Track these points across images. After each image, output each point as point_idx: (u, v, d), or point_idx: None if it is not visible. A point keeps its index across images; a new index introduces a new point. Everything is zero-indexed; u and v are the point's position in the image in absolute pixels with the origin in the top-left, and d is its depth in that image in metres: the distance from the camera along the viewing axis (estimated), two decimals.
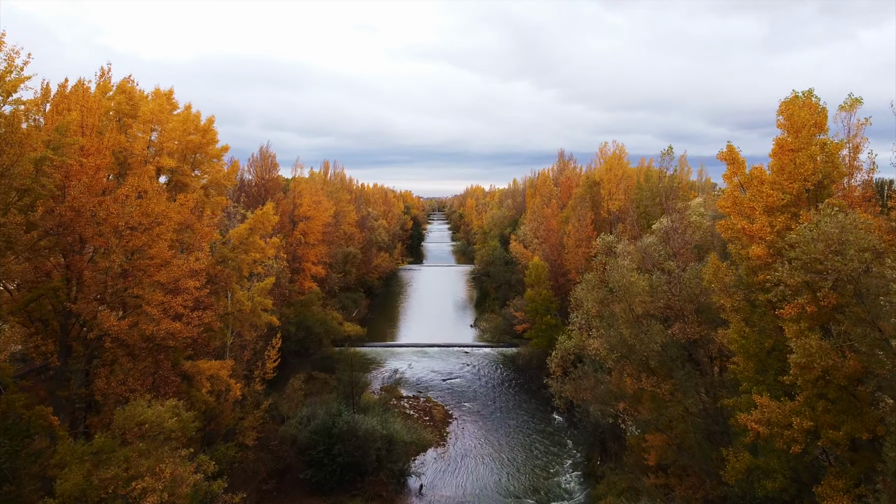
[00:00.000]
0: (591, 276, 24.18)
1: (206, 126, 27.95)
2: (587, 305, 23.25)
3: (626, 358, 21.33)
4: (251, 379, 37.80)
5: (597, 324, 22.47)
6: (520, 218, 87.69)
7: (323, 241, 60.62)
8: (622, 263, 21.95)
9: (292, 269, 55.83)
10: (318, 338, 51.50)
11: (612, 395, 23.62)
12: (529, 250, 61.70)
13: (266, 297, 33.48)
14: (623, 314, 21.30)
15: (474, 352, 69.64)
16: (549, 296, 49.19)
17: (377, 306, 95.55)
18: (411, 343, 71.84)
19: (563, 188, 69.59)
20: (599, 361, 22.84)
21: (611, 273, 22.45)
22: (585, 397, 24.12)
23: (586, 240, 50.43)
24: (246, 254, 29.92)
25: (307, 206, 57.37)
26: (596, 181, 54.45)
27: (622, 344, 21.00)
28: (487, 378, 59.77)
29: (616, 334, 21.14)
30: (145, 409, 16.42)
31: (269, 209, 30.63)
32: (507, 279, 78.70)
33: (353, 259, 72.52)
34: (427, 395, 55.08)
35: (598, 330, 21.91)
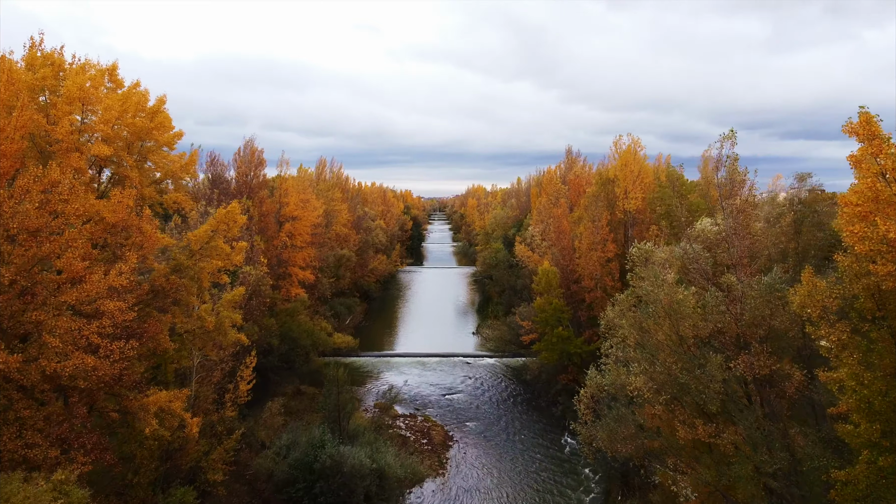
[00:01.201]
0: (626, 294, 19.37)
1: (156, 107, 23.12)
2: (623, 332, 18.49)
3: (676, 400, 16.55)
4: (222, 404, 32.94)
5: (636, 354, 17.75)
6: (525, 219, 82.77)
7: (312, 243, 55.73)
8: (666, 277, 17.15)
9: (277, 274, 50.96)
10: (304, 351, 46.62)
11: (651, 436, 18.80)
12: (537, 254, 56.77)
13: (235, 311, 28.60)
14: (669, 343, 16.51)
15: (476, 363, 64.73)
16: (561, 305, 44.28)
17: (374, 311, 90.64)
18: (409, 353, 66.94)
19: (572, 187, 64.66)
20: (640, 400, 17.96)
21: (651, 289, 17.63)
22: (624, 450, 19.29)
23: (601, 243, 45.51)
24: (207, 261, 25.03)
25: (294, 206, 52.50)
26: (610, 178, 49.53)
27: (671, 382, 16.21)
28: (491, 393, 54.84)
29: (663, 370, 16.36)
30: (18, 489, 11.62)
31: (234, 207, 25.75)
32: (511, 284, 73.78)
33: (346, 262, 67.64)
34: (425, 412, 50.18)
35: (639, 364, 17.11)
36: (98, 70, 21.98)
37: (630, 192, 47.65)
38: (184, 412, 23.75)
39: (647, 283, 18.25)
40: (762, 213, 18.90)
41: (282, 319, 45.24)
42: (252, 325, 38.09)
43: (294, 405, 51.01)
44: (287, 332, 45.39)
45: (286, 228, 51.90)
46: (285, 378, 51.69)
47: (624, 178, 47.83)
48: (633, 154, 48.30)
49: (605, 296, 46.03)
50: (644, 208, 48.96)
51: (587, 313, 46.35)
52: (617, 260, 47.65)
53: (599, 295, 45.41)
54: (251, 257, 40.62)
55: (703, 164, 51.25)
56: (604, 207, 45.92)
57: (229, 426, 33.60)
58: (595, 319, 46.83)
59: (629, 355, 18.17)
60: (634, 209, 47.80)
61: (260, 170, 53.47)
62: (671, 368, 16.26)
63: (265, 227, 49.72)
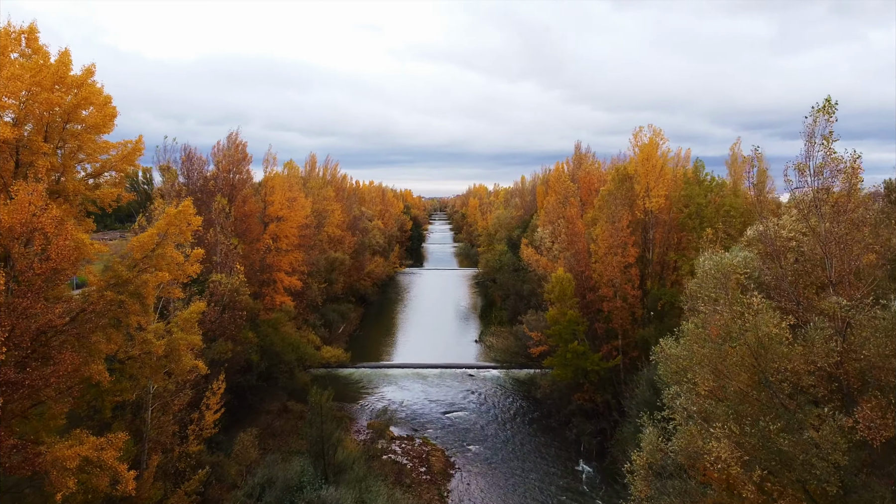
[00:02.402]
0: (694, 323, 14.56)
1: (82, 79, 18.30)
2: (693, 375, 13.73)
3: (774, 476, 11.85)
4: (185, 437, 28.13)
5: (710, 407, 13.00)
6: (531, 219, 77.84)
7: (300, 245, 50.89)
8: (752, 301, 12.35)
9: (260, 280, 46.10)
10: (288, 367, 41.75)
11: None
12: (547, 258, 51.84)
13: (194, 332, 23.70)
14: (756, 393, 11.78)
15: (480, 375, 59.86)
16: (576, 316, 39.39)
17: (371, 317, 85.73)
18: (407, 363, 62.05)
19: (582, 185, 59.80)
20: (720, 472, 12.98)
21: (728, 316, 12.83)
22: None
23: (621, 246, 40.62)
24: (152, 272, 20.18)
25: (279, 205, 47.65)
26: (628, 174, 44.61)
27: (766, 449, 11.49)
28: (497, 411, 49.96)
29: (757, 433, 11.64)
30: None
31: (186, 207, 20.89)
32: (517, 289, 68.83)
33: (340, 266, 62.75)
34: (424, 434, 45.32)
35: (721, 423, 12.30)
36: (3, 31, 17.16)
37: (652, 190, 42.75)
38: (118, 463, 18.87)
39: (723, 308, 13.44)
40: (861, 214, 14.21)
41: (263, 332, 40.39)
42: (225, 341, 33.26)
43: (279, 425, 46.12)
44: (269, 346, 40.54)
45: (270, 230, 47.05)
46: (270, 394, 46.81)
47: (645, 173, 42.93)
48: (655, 147, 43.40)
49: (624, 305, 41.17)
50: (666, 207, 44.10)
51: (605, 325, 41.47)
52: (637, 265, 42.80)
53: (619, 304, 40.53)
54: (226, 263, 35.78)
55: (731, 159, 46.34)
56: (624, 206, 41.02)
57: (195, 461, 28.83)
58: (614, 332, 41.96)
59: (702, 406, 13.37)
60: (657, 208, 42.91)
61: (243, 165, 48.61)
62: (766, 430, 11.52)
63: (247, 229, 44.89)
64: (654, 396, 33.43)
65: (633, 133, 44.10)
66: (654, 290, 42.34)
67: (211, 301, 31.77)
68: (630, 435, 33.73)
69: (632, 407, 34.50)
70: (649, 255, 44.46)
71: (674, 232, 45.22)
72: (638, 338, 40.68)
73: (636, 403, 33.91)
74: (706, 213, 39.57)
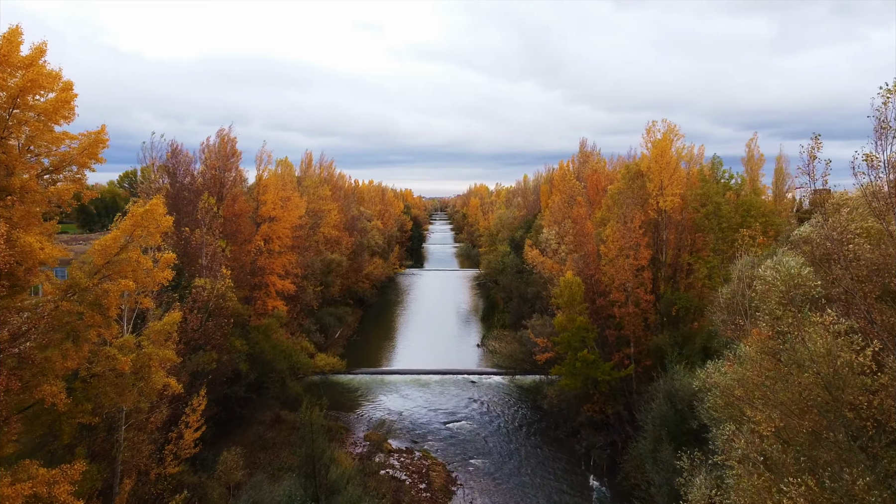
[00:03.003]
0: (753, 345, 12.20)
1: (31, 58, 15.91)
2: (753, 413, 11.39)
3: None
4: (162, 459, 25.73)
5: (777, 453, 10.65)
6: (535, 219, 75.40)
7: (294, 247, 48.48)
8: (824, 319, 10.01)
9: (251, 284, 43.71)
10: (279, 376, 39.34)
11: None
12: (554, 260, 49.39)
13: (168, 345, 21.29)
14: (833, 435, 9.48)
15: (483, 381, 57.46)
16: (586, 323, 36.96)
17: (369, 319, 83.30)
18: (407, 370, 59.65)
19: (590, 184, 57.39)
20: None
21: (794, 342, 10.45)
22: None
23: (633, 248, 38.20)
24: (115, 280, 17.79)
25: (272, 205, 45.22)
26: (640, 172, 42.19)
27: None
28: (501, 421, 47.53)
29: (840, 490, 9.27)
30: None
31: (155, 206, 18.47)
32: (521, 292, 66.39)
33: (336, 267, 60.33)
34: (424, 447, 42.89)
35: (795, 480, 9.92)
36: None
37: (666, 188, 40.32)
38: (75, 499, 16.47)
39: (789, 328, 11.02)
40: None
41: (253, 339, 37.98)
42: (210, 351, 30.87)
43: (270, 437, 43.67)
44: (259, 354, 38.13)
45: (263, 231, 44.62)
46: (261, 404, 44.39)
47: (659, 171, 40.49)
48: (669, 143, 40.97)
49: (637, 311, 38.77)
50: (681, 207, 41.68)
51: (616, 332, 39.05)
52: (650, 268, 40.38)
53: (631, 310, 38.11)
54: (213, 267, 33.40)
55: (748, 156, 43.85)
56: (636, 205, 38.60)
57: (174, 484, 26.43)
58: (625, 339, 39.56)
59: (766, 450, 10.99)
60: (671, 208, 40.49)
61: (234, 162, 46.20)
62: (851, 485, 9.17)
63: (238, 230, 42.49)
64: (672, 411, 31.02)
65: (645, 128, 41.70)
66: (667, 295, 39.92)
67: (194, 308, 29.37)
68: (647, 452, 31.33)
69: (647, 421, 32.09)
70: (662, 257, 42.03)
71: (688, 233, 42.80)
72: (651, 345, 38.28)
73: (652, 418, 31.50)
74: (724, 213, 37.14)
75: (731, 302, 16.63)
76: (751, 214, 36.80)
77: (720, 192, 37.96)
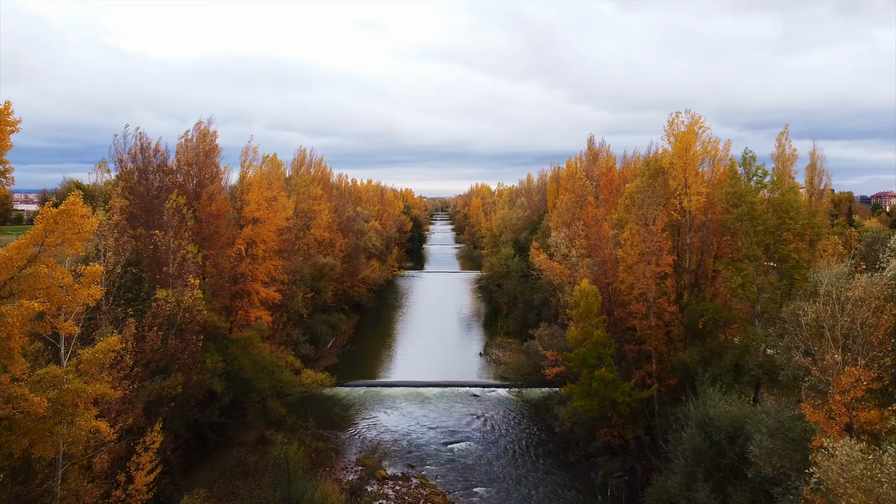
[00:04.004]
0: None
1: None
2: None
3: None
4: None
5: None
6: (542, 221, 71.28)
7: (281, 251, 44.44)
8: None
9: (232, 293, 39.67)
10: (260, 396, 35.28)
11: None
12: (565, 265, 45.25)
13: (99, 378, 17.23)
14: None
15: (486, 395, 53.40)
16: (604, 338, 32.89)
17: (366, 326, 79.22)
18: (405, 381, 55.61)
19: (602, 182, 53.29)
20: None
21: None
22: None
23: (655, 253, 34.11)
24: (17, 301, 13.77)
25: (256, 206, 41.18)
26: (661, 168, 38.10)
27: None
28: (506, 441, 43.44)
29: None
30: None
31: (72, 205, 14.45)
32: (526, 298, 62.33)
33: (329, 272, 56.30)
34: (422, 472, 38.81)
35: None
36: None
37: (691, 186, 36.24)
38: None
39: None
40: None
41: (231, 355, 33.94)
42: (176, 373, 26.83)
43: (253, 461, 39.48)
44: (238, 371, 34.10)
45: (245, 234, 40.57)
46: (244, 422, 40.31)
47: (683, 167, 36.41)
48: (693, 136, 36.88)
49: (659, 323, 34.66)
50: (704, 207, 37.59)
51: (636, 347, 34.98)
52: (674, 276, 36.29)
53: (653, 323, 34.02)
54: (179, 275, 29.35)
55: (778, 152, 39.62)
56: (659, 206, 34.54)
57: None
58: (647, 355, 35.46)
59: None
60: (696, 208, 36.42)
61: (212, 158, 42.17)
62: None
63: (216, 233, 38.47)
64: (706, 443, 26.93)
65: (667, 120, 37.62)
66: (693, 305, 35.83)
67: (154, 324, 25.32)
68: (677, 489, 27.22)
69: (677, 454, 27.98)
70: (685, 263, 37.93)
71: (714, 235, 38.73)
72: (676, 362, 34.18)
73: (683, 450, 27.40)
74: (759, 214, 33.05)
75: (815, 327, 12.74)
76: (790, 216, 32.71)
77: (754, 190, 33.85)
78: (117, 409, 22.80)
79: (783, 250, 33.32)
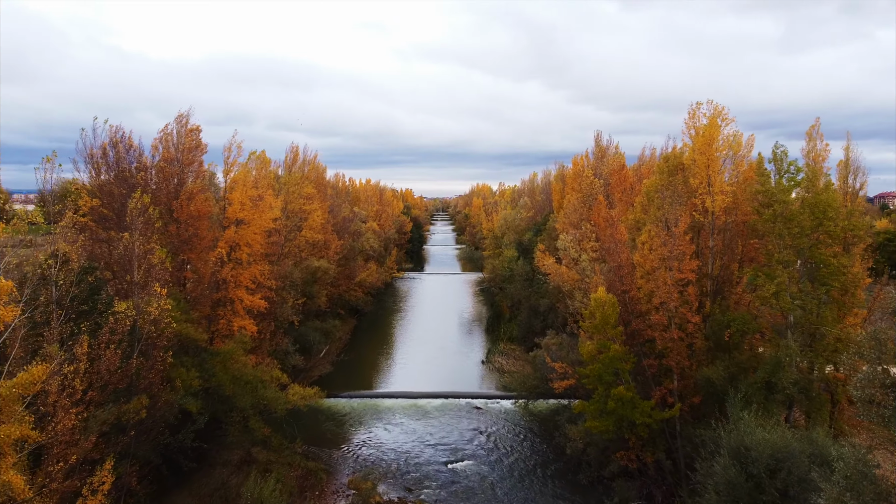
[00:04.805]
0: None
1: None
2: None
3: None
4: None
5: None
6: (546, 221, 68.01)
7: (270, 255, 41.22)
8: None
9: (213, 301, 36.47)
10: (241, 415, 32.06)
11: None
12: (576, 270, 41.98)
13: (20, 418, 14.07)
14: None
15: (489, 407, 50.18)
16: (622, 352, 29.63)
17: (363, 331, 76.00)
18: (402, 392, 52.41)
19: (614, 181, 50.05)
20: None
21: None
22: None
23: (677, 258, 30.86)
24: None
25: (240, 205, 37.97)
26: (681, 164, 34.86)
27: None
28: (511, 459, 40.22)
29: None
30: None
31: None
32: (532, 304, 59.04)
33: (322, 276, 53.09)
34: (420, 496, 35.59)
35: None
36: None
37: (714, 184, 33.02)
38: None
39: None
40: None
41: (209, 370, 30.73)
42: (140, 396, 23.66)
43: (236, 483, 35.92)
44: (217, 387, 30.89)
45: (228, 236, 37.34)
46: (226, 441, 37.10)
47: (705, 163, 33.20)
48: (716, 129, 33.65)
49: (682, 335, 31.39)
50: (731, 207, 34.38)
51: (657, 362, 31.72)
52: (697, 283, 33.02)
53: (676, 335, 30.76)
54: (147, 284, 26.17)
55: (809, 147, 36.25)
56: (681, 206, 31.32)
57: None
58: (668, 371, 32.19)
59: None
60: (721, 209, 33.20)
61: (196, 156, 38.97)
62: None
63: (194, 236, 35.28)
64: (742, 475, 23.73)
65: (688, 112, 34.39)
66: (718, 315, 32.60)
67: (111, 341, 22.13)
68: None
69: (708, 488, 24.73)
70: (707, 268, 34.68)
71: (738, 238, 35.53)
72: (700, 378, 30.91)
73: (715, 483, 24.19)
74: (793, 215, 29.79)
75: None
76: (827, 216, 29.46)
77: (787, 189, 30.60)
78: (65, 442, 19.56)
79: (820, 254, 30.08)
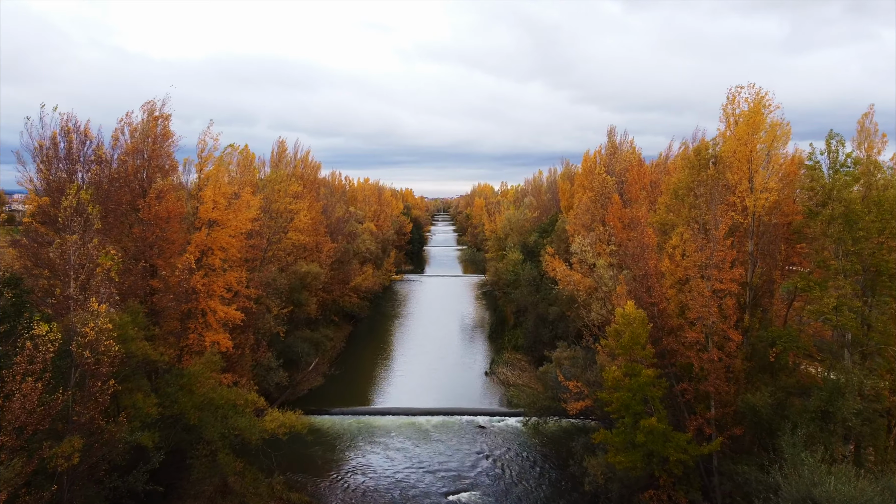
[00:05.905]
0: None
1: None
2: None
3: None
4: None
5: None
6: (555, 221, 63.51)
7: (250, 259, 36.80)
8: None
9: (182, 313, 32.07)
10: (209, 448, 27.64)
11: None
12: (591, 277, 37.49)
13: None
14: None
15: (494, 425, 45.73)
16: (653, 376, 25.18)
17: (358, 339, 71.54)
18: (399, 409, 47.98)
19: (631, 178, 45.60)
20: None
21: None
22: None
23: (717, 266, 26.39)
24: None
25: (213, 204, 33.55)
26: (716, 157, 30.42)
27: None
28: (520, 490, 35.79)
29: None
30: None
31: None
32: (539, 312, 54.51)
33: (312, 281, 48.66)
34: None
35: None
36: None
37: (757, 180, 28.58)
38: None
39: None
40: None
41: (170, 395, 26.32)
42: (72, 437, 19.28)
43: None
44: (179, 416, 26.47)
45: (198, 239, 32.91)
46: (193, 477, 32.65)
47: (747, 156, 28.75)
48: (757, 116, 29.20)
49: (722, 356, 26.92)
50: (772, 208, 29.90)
51: (693, 387, 27.24)
52: (735, 296, 28.55)
53: (715, 356, 26.30)
54: (85, 299, 21.78)
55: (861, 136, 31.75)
56: (721, 205, 26.87)
57: None
58: (705, 397, 27.72)
59: None
60: (765, 208, 28.74)
61: (166, 148, 34.57)
62: None
63: (163, 239, 30.89)
64: None
65: (726, 97, 29.97)
66: (759, 331, 28.16)
67: (29, 373, 17.72)
68: None
69: None
70: (747, 277, 30.21)
71: (781, 243, 31.05)
72: (742, 406, 26.43)
73: None
74: (856, 215, 25.31)
75: None
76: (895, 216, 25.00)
77: (848, 184, 26.11)
78: None
79: (884, 261, 25.60)
